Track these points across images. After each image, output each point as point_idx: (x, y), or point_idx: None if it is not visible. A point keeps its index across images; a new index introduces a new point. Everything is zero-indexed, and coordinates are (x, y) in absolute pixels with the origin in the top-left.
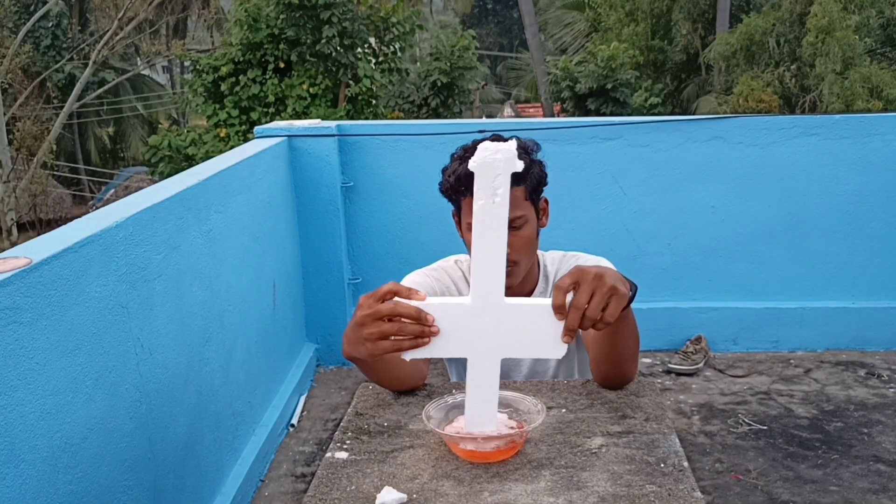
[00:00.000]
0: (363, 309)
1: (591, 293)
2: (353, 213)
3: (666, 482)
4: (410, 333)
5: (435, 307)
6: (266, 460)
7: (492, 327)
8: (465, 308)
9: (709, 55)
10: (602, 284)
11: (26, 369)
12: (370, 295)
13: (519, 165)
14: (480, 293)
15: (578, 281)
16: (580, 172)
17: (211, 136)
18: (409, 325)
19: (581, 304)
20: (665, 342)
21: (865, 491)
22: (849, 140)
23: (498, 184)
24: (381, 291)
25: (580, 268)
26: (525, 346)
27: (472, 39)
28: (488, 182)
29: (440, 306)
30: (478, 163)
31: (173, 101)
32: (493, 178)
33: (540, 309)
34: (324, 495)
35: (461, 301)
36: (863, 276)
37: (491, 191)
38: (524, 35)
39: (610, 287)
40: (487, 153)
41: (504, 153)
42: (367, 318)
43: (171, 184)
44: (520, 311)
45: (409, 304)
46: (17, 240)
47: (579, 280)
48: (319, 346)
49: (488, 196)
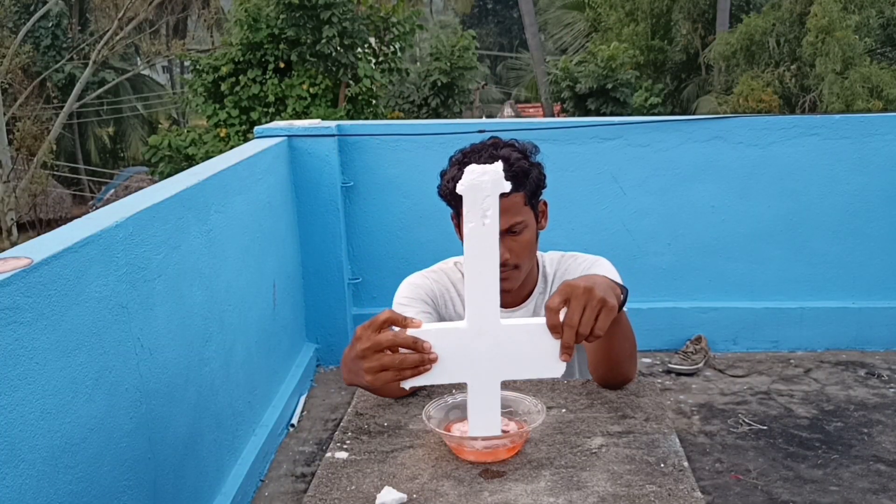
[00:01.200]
0: (362, 342)
1: (581, 309)
2: (353, 213)
3: (666, 482)
4: (411, 364)
5: (432, 333)
6: (266, 460)
7: (489, 350)
8: (462, 332)
9: (709, 55)
10: (591, 298)
11: (26, 369)
12: (367, 325)
13: (506, 186)
14: (476, 316)
15: (568, 298)
16: (580, 172)
17: (211, 136)
18: (409, 356)
19: (574, 323)
20: (665, 342)
21: (865, 491)
22: (849, 140)
23: (487, 205)
24: (377, 321)
25: (568, 283)
26: (524, 366)
27: (472, 39)
28: (477, 205)
29: (437, 332)
30: (465, 186)
31: (173, 101)
32: (482, 200)
33: (536, 328)
34: (324, 495)
35: (457, 326)
36: (863, 276)
37: (480, 213)
38: (524, 35)
39: (599, 300)
40: (474, 176)
41: (491, 175)
42: (367, 352)
43: (171, 184)
44: (516, 332)
45: (407, 335)
46: (17, 240)
47: (569, 297)
48: (319, 346)
49: (478, 218)
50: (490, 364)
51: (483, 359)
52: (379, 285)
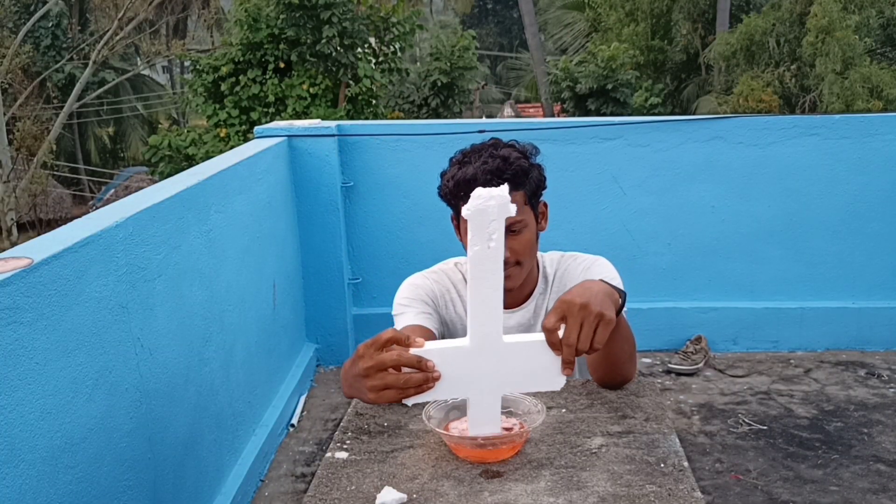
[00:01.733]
0: (364, 360)
1: (579, 326)
2: (353, 213)
3: (666, 482)
4: (415, 383)
5: (434, 352)
6: (266, 460)
7: (491, 367)
8: (465, 351)
9: (709, 55)
10: (588, 314)
11: (26, 369)
12: (370, 344)
13: (512, 210)
14: (478, 335)
15: (565, 315)
16: (580, 172)
17: (211, 136)
18: (413, 376)
19: (572, 341)
20: (665, 342)
21: (865, 491)
22: (849, 140)
23: (493, 229)
24: (380, 340)
25: (564, 300)
26: (525, 381)
27: (472, 39)
28: (483, 228)
29: (440, 351)
30: (472, 210)
31: (173, 101)
32: (488, 224)
33: (537, 345)
34: (324, 495)
35: (460, 344)
36: (863, 276)
37: (486, 236)
38: (524, 35)
39: (596, 315)
40: (481, 201)
41: (497, 199)
42: (370, 370)
43: (171, 184)
44: (518, 350)
45: (412, 355)
46: (17, 240)
47: (566, 314)
48: (319, 346)
49: (483, 242)
50: (492, 380)
51: (485, 375)
52: (379, 285)
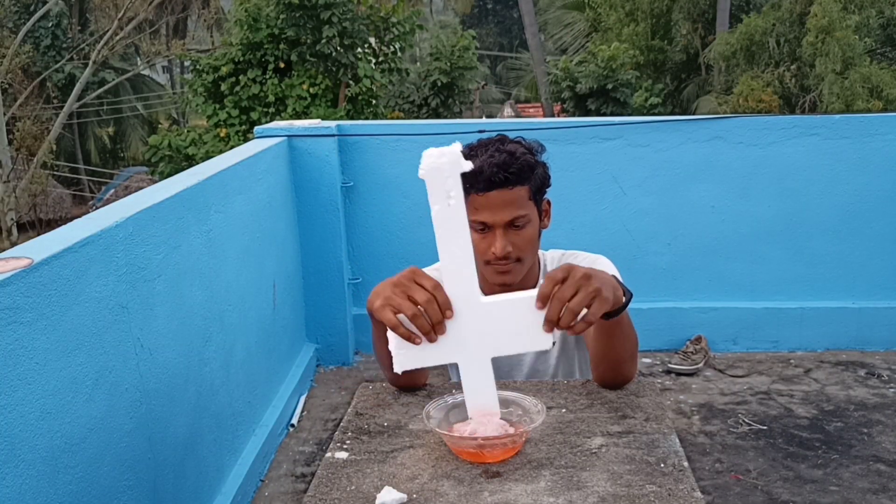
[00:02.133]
0: (408, 279)
1: (575, 289)
2: (353, 213)
3: (666, 482)
4: (428, 316)
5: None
6: (266, 460)
7: (474, 328)
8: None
9: (709, 55)
10: (588, 284)
11: (26, 369)
12: (423, 275)
13: (467, 166)
14: (455, 297)
15: (567, 276)
16: (580, 172)
17: (211, 136)
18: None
19: (563, 297)
20: (665, 342)
21: (865, 491)
22: (849, 140)
23: (449, 186)
24: (431, 282)
25: (572, 265)
26: (511, 342)
27: (472, 39)
28: (440, 186)
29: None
30: (425, 170)
31: (173, 101)
32: (444, 181)
33: (518, 303)
34: (324, 495)
35: None
36: (863, 276)
37: (444, 194)
38: (524, 35)
39: (595, 288)
40: (432, 159)
41: (449, 156)
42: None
43: (171, 184)
44: (499, 308)
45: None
46: (17, 240)
47: (568, 275)
48: (319, 346)
49: (443, 200)
50: (476, 341)
51: (469, 337)
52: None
